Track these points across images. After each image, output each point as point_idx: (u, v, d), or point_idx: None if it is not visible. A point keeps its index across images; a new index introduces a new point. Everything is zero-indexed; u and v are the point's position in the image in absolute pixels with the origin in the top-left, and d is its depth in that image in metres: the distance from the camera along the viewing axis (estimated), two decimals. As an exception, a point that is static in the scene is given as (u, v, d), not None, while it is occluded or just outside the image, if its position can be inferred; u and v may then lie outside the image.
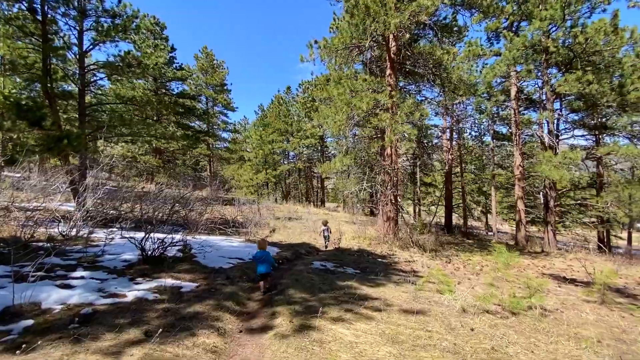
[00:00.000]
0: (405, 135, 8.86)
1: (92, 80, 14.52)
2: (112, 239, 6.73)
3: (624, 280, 8.38)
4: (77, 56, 13.72)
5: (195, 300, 4.07)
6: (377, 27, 8.89)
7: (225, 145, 33.93)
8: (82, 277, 4.63)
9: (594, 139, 20.23)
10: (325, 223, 10.93)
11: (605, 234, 20.03)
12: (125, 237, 5.71)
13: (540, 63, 15.19)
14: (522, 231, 18.80)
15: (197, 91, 28.42)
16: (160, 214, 11.56)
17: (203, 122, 29.52)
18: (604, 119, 17.65)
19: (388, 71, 12.01)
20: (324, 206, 33.30)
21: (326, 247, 10.43)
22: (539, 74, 15.57)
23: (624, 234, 23.77)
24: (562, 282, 7.96)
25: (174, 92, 25.17)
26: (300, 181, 36.92)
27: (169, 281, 4.78)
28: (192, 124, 28.74)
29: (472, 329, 3.84)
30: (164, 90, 24.58)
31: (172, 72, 23.77)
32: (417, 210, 27.17)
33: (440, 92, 11.19)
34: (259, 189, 18.37)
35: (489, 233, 29.04)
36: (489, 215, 31.71)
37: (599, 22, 12.51)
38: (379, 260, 8.61)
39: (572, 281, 8.17)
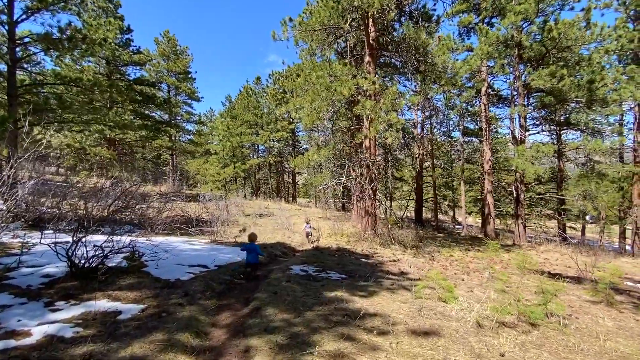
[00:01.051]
0: (391, 124, 8.06)
1: (24, 56, 12.25)
2: (34, 245, 5.23)
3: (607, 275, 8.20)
4: (6, 27, 11.50)
5: (137, 335, 2.89)
6: (360, 3, 7.94)
7: (189, 137, 31.62)
8: (-29, 305, 3.25)
9: (555, 135, 20.95)
10: (308, 221, 10.82)
11: (563, 225, 20.88)
12: (46, 244, 4.31)
13: (513, 58, 15.14)
14: (491, 224, 18.99)
15: (158, 78, 25.99)
16: (109, 212, 9.93)
17: (164, 112, 27.17)
18: (565, 116, 18.18)
19: (367, 58, 11.14)
20: (296, 202, 32.21)
21: (310, 242, 9.69)
22: (511, 69, 15.54)
23: (577, 225, 25.08)
24: (551, 279, 7.57)
25: (131, 78, 22.75)
26: (271, 176, 35.48)
27: (103, 304, 3.52)
28: (153, 114, 26.37)
29: (503, 355, 3.03)
30: (118, 75, 22.06)
31: (127, 55, 21.35)
32: (389, 204, 26.94)
33: (420, 82, 10.51)
34: (226, 184, 16.89)
35: (457, 226, 29.58)
36: (455, 209, 32.39)
37: (569, 18, 12.55)
38: (363, 260, 7.75)
39: (559, 276, 7.82)
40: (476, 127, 24.92)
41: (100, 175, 21.25)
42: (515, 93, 15.84)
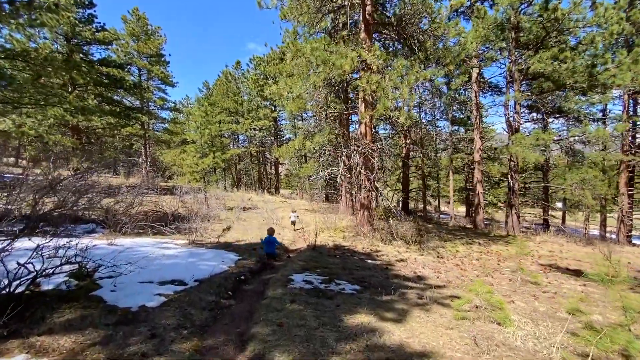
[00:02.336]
0: (397, 106, 6.91)
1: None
2: None
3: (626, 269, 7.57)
4: None
5: None
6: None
7: (164, 126, 29.29)
8: None
9: (542, 124, 20.68)
10: (293, 210, 11.00)
11: (544, 214, 20.85)
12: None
13: (509, 42, 14.34)
14: (481, 214, 18.55)
15: (127, 60, 23.53)
16: (67, 208, 8.32)
17: (135, 98, 24.79)
18: (553, 104, 17.79)
19: (362, 35, 9.87)
20: (279, 193, 30.83)
21: (295, 230, 9.87)
22: (507, 53, 14.78)
23: (555, 213, 25.33)
24: (574, 277, 6.82)
25: (95, 59, 20.34)
26: (253, 167, 33.79)
27: (13, 367, 2.19)
28: (122, 99, 24.06)
29: None
30: (81, 55, 19.59)
31: (90, 32, 18.96)
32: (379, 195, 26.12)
33: (423, 61, 9.40)
34: (205, 175, 15.33)
35: (441, 216, 29.32)
36: (439, 198, 32.14)
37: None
38: (369, 262, 6.66)
39: (582, 274, 7.07)
40: (463, 115, 24.41)
41: (63, 166, 19.01)
42: (510, 79, 15.14)
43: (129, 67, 24.30)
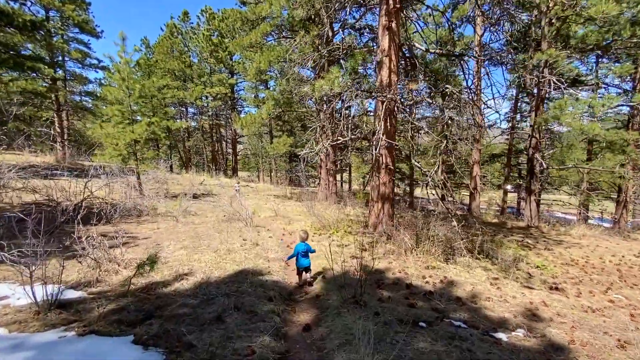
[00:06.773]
0: None
1: None
2: None
3: None
4: None
5: None
6: None
7: (88, 89, 22.32)
8: None
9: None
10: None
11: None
12: None
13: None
14: (477, 200, 16.11)
15: (21, -10, 16.45)
16: None
17: (40, 46, 17.88)
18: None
19: None
20: (237, 176, 25.91)
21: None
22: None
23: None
24: None
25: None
26: (205, 145, 28.13)
27: None
28: (21, 49, 17.13)
29: None
30: None
31: None
32: (350, 179, 22.70)
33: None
34: (136, 150, 10.34)
35: (422, 201, 26.96)
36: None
37: None
38: (498, 338, 2.86)
39: None
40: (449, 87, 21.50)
41: None
42: (538, 36, 12.09)
43: (27, 1, 17.23)
